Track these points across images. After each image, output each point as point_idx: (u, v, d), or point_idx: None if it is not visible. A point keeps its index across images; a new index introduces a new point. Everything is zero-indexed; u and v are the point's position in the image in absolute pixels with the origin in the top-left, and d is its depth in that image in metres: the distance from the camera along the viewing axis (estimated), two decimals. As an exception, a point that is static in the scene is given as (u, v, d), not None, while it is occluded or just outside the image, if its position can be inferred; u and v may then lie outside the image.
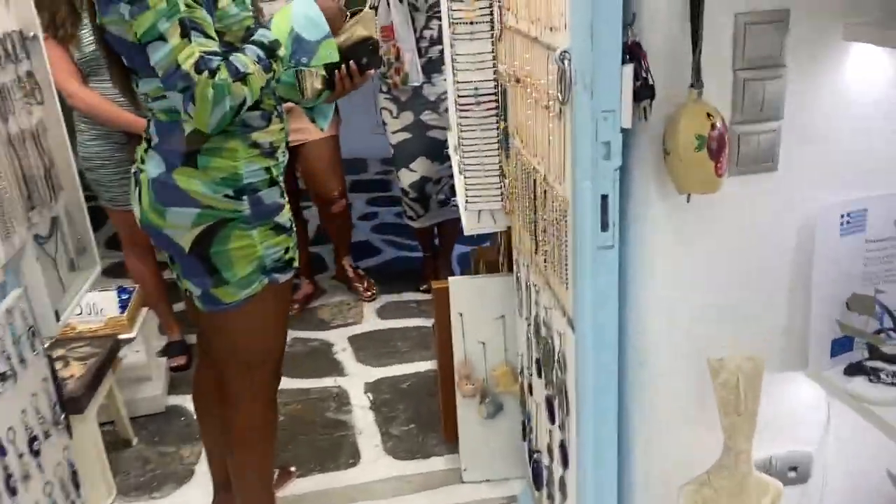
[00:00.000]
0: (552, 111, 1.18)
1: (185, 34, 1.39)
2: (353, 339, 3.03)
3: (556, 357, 1.35)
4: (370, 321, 3.18)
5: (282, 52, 1.55)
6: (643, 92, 1.06)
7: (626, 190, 1.15)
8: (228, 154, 1.54)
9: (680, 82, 1.10)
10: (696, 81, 1.07)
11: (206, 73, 1.39)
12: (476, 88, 1.69)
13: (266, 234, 1.61)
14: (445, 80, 2.99)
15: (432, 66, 3.00)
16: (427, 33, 2.97)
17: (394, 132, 3.12)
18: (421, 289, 3.42)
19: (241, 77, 1.44)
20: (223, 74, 1.41)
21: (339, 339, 3.03)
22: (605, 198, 1.10)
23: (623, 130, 1.08)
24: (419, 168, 3.11)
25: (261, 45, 1.52)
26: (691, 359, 1.23)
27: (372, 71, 1.69)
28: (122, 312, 2.42)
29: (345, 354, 2.92)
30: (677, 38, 1.09)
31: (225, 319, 1.64)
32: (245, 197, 1.56)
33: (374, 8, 2.94)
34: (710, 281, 1.21)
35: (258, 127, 1.57)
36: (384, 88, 3.10)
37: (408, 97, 3.05)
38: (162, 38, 1.39)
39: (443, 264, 3.44)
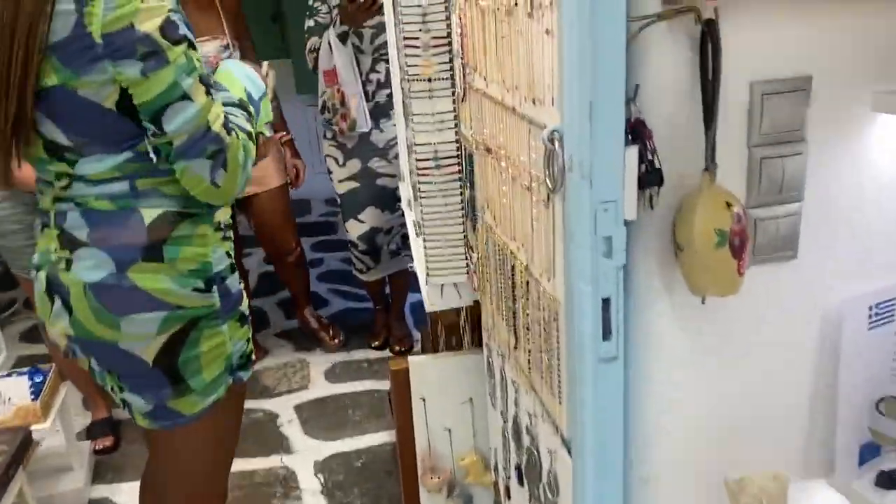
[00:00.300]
0: (536, 195, 1.00)
1: (208, 92, 1.21)
2: (301, 409, 2.78)
3: (543, 475, 1.16)
4: (318, 385, 2.94)
5: (251, 109, 1.38)
6: (649, 178, 0.89)
7: (628, 288, 0.97)
8: (199, 240, 1.32)
9: (689, 163, 0.93)
10: (711, 163, 0.90)
11: (233, 134, 1.23)
12: (436, 151, 1.50)
13: (235, 327, 1.40)
14: (395, 125, 2.82)
15: (380, 111, 2.81)
16: (373, 76, 2.79)
17: (340, 181, 2.92)
18: (373, 345, 3.19)
19: (249, 135, 1.29)
20: (242, 134, 1.26)
21: (284, 409, 2.77)
22: (606, 301, 0.92)
23: (626, 223, 0.90)
24: (368, 219, 2.91)
25: (233, 104, 1.34)
26: (705, 476, 1.05)
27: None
28: (35, 399, 2.13)
29: (291, 427, 2.67)
30: (685, 112, 0.92)
31: (184, 434, 1.39)
32: (214, 288, 1.34)
33: (316, 51, 2.74)
34: (722, 385, 1.04)
35: (218, 206, 1.36)
36: (328, 135, 2.90)
37: (354, 144, 2.85)
38: (186, 97, 1.19)
39: (395, 317, 3.23)
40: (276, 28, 4.86)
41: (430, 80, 1.45)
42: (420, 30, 1.42)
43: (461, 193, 1.52)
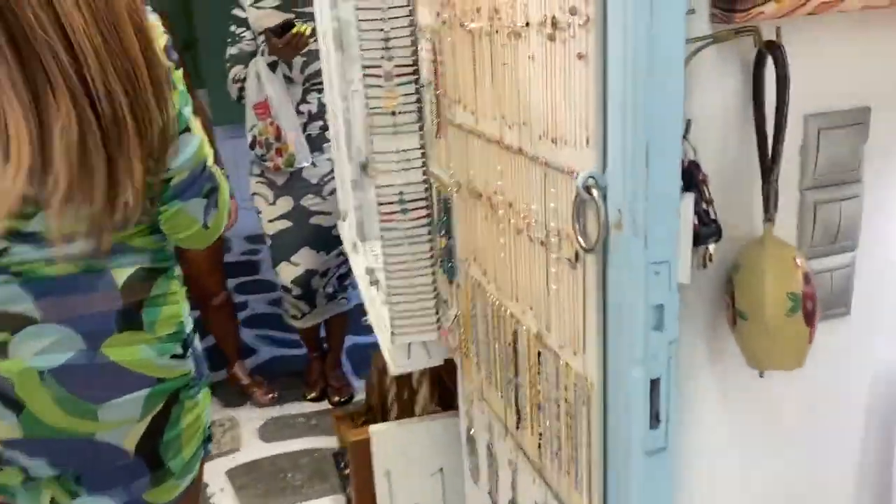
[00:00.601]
0: (556, 252, 0.83)
1: (200, 124, 1.08)
2: (234, 474, 2.50)
3: (563, 580, 0.97)
4: (252, 446, 2.66)
5: None
6: (705, 232, 0.74)
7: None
8: (173, 298, 1.14)
9: (739, 211, 0.79)
10: (773, 212, 0.76)
11: (219, 170, 1.13)
12: (401, 193, 1.31)
13: (206, 394, 1.22)
14: (329, 159, 2.62)
15: (313, 145, 2.61)
16: (304, 108, 2.58)
17: (270, 221, 2.68)
18: (309, 398, 2.94)
19: None
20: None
21: (214, 476, 2.49)
22: (655, 383, 0.75)
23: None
24: (303, 261, 2.68)
25: None
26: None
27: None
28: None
29: (224, 497, 2.39)
30: (732, 151, 0.78)
31: None
32: (190, 352, 1.16)
33: (241, 81, 2.52)
34: (769, 464, 0.90)
35: (176, 255, 1.19)
36: (256, 171, 2.67)
37: (285, 181, 2.63)
38: (188, 129, 1.04)
39: (332, 365, 3.00)
40: (188, 56, 4.57)
41: (393, 113, 1.27)
42: (382, 57, 1.24)
43: (430, 241, 1.34)
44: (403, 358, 1.43)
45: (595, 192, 0.72)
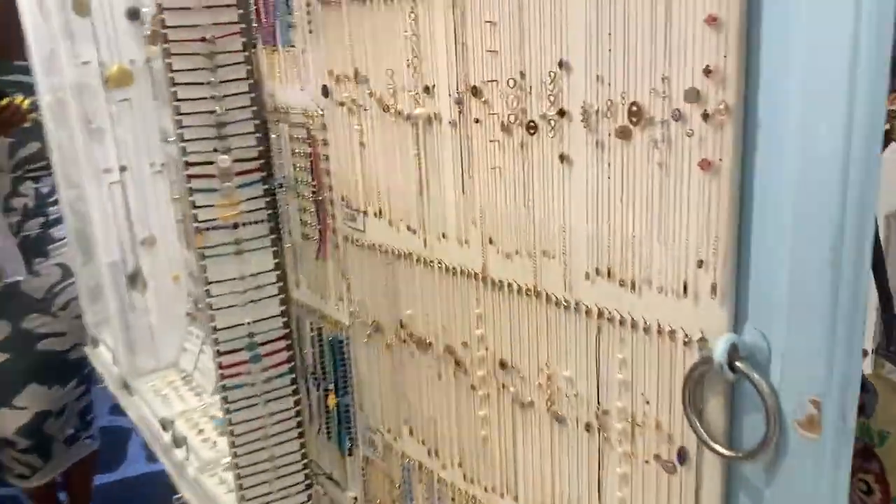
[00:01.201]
0: (624, 445, 0.56)
1: None
2: None
3: None
4: None
5: None
6: (870, 399, 0.52)
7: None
8: None
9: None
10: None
11: None
12: (251, 335, 0.94)
13: None
14: (58, 265, 2.03)
15: (33, 248, 2.01)
16: (17, 202, 1.99)
17: (-23, 355, 2.00)
18: (49, 577, 2.24)
19: None
20: None
21: None
22: None
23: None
24: (31, 402, 2.03)
25: None
26: None
27: None
28: None
29: None
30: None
31: None
32: None
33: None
34: None
35: None
36: (-51, 289, 1.98)
37: (-3, 300, 1.98)
38: None
39: (77, 524, 2.33)
40: None
41: (235, 226, 0.90)
42: (216, 149, 0.87)
43: (295, 394, 0.98)
44: (263, 557, 1.03)
45: (743, 366, 0.47)
